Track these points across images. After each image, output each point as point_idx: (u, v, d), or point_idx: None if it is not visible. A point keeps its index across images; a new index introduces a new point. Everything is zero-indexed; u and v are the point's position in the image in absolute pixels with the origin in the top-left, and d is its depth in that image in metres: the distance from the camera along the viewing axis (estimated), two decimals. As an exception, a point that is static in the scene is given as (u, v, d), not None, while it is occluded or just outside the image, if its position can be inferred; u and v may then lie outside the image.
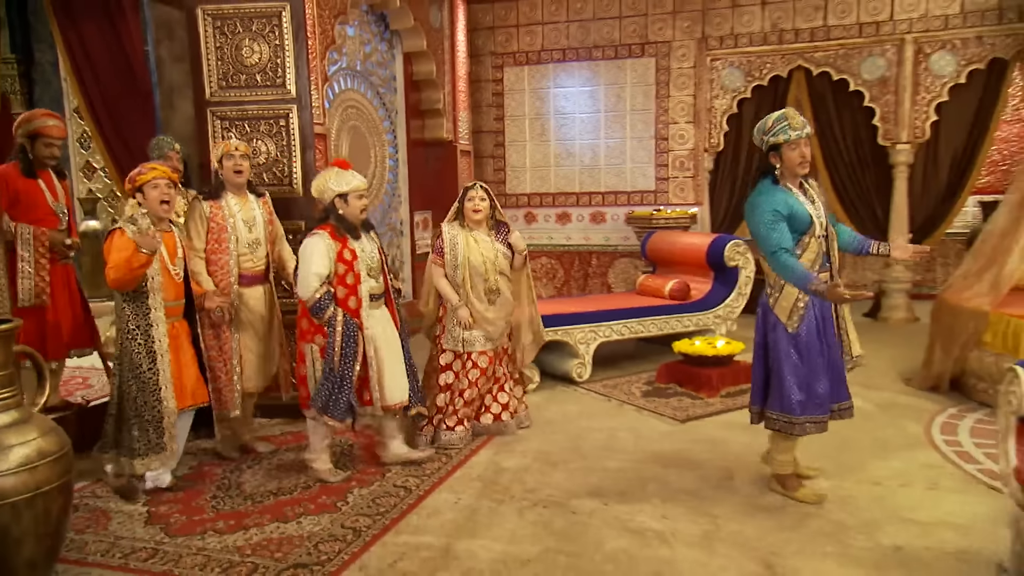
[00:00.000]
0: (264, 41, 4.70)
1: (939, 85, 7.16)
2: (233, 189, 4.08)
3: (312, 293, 3.66)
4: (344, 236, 3.75)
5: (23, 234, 3.86)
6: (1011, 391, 2.61)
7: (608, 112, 8.16)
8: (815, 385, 3.41)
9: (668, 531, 3.29)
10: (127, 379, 3.54)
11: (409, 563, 3.05)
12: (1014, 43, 6.90)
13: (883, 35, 7.26)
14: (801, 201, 3.38)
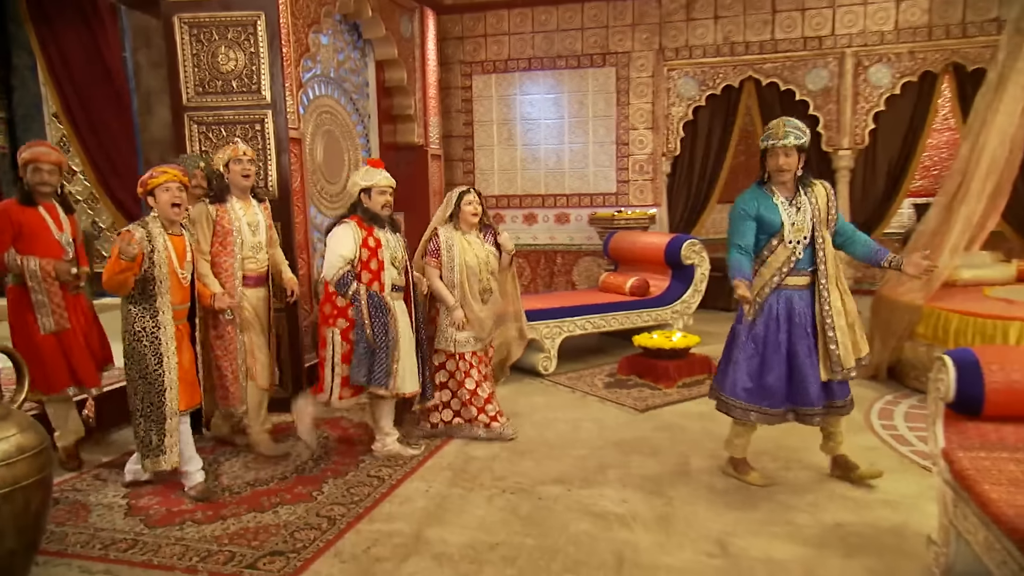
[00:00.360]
0: (240, 49, 4.63)
1: (876, 95, 7.31)
2: (238, 193, 4.00)
3: (336, 271, 3.72)
4: (370, 225, 3.83)
5: (29, 266, 3.66)
6: (939, 378, 2.68)
7: (571, 118, 8.19)
8: (765, 377, 3.43)
9: (628, 514, 3.32)
10: (135, 379, 3.44)
11: (382, 549, 3.04)
12: (943, 58, 7.08)
13: (826, 49, 7.39)
14: (779, 206, 3.39)
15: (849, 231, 3.54)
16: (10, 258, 3.67)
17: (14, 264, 3.68)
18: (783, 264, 3.41)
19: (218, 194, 3.96)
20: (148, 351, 3.40)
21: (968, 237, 5.56)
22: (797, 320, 3.42)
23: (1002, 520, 2.13)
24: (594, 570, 2.85)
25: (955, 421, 2.71)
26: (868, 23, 7.26)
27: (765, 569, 2.83)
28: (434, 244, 4.29)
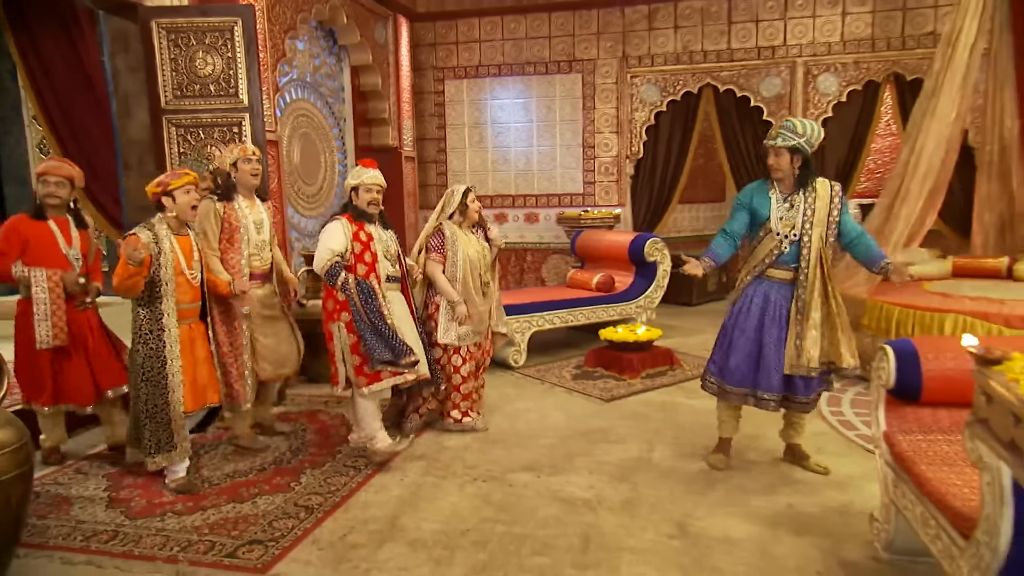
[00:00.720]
0: (217, 53, 4.55)
1: (825, 102, 7.43)
2: (244, 192, 3.91)
3: (324, 263, 3.66)
4: (360, 221, 3.78)
5: (36, 277, 3.54)
6: (881, 367, 2.74)
7: (540, 122, 8.20)
8: (730, 358, 3.53)
9: (594, 498, 3.35)
10: (139, 381, 3.37)
11: (358, 536, 3.03)
12: (884, 68, 7.23)
13: (778, 58, 7.49)
14: (771, 200, 3.44)
15: (854, 234, 3.46)
16: (17, 270, 3.55)
17: (22, 276, 3.57)
18: (767, 255, 3.47)
19: (225, 192, 3.86)
20: (153, 353, 3.34)
21: (908, 235, 5.69)
22: (771, 311, 3.47)
23: (936, 497, 2.19)
24: (562, 552, 2.86)
25: (895, 407, 2.78)
26: (817, 35, 7.38)
27: (722, 548, 2.87)
28: (438, 239, 4.17)
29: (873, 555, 2.78)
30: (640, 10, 7.75)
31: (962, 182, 6.65)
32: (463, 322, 4.14)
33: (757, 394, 3.51)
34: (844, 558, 2.78)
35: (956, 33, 5.20)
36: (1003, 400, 1.18)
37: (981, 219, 6.16)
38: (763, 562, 2.76)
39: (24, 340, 3.65)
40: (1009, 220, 6.06)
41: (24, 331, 3.64)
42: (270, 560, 2.81)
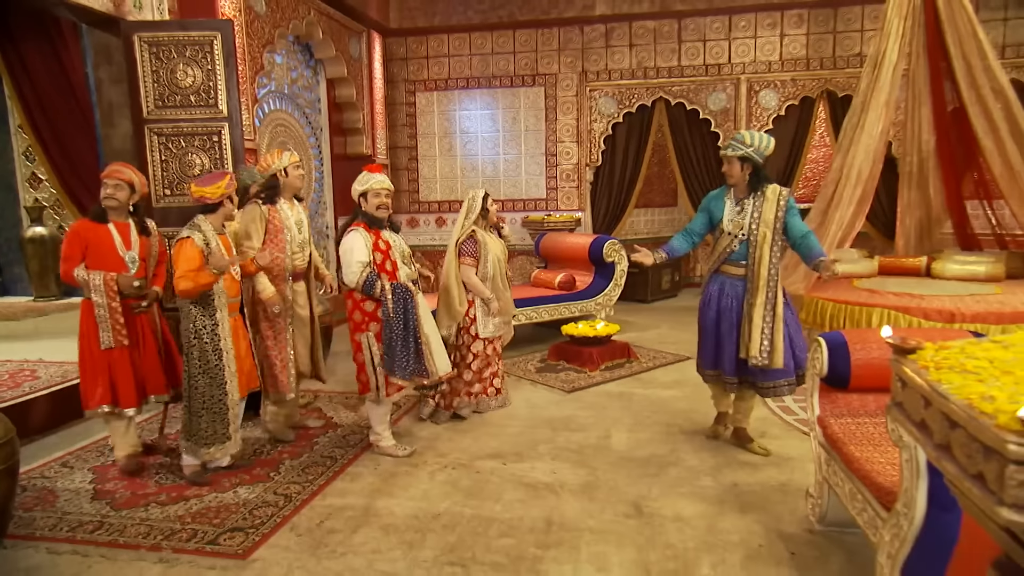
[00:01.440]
0: (197, 66, 4.46)
1: (766, 116, 7.59)
2: (287, 195, 3.86)
3: (359, 276, 3.52)
4: (375, 228, 3.63)
5: (94, 280, 3.40)
6: (815, 357, 2.81)
7: (506, 132, 8.21)
8: (702, 345, 3.73)
9: (556, 483, 3.37)
10: (196, 374, 3.29)
11: (334, 522, 3.00)
12: (819, 85, 7.41)
13: (724, 75, 7.62)
14: (725, 204, 3.57)
15: (799, 234, 3.50)
16: (79, 273, 3.41)
17: (83, 279, 3.41)
18: (721, 252, 3.60)
19: (269, 196, 3.79)
20: (209, 347, 3.28)
21: (840, 237, 5.85)
22: (725, 301, 3.60)
23: (862, 474, 2.26)
24: (526, 533, 2.88)
25: (828, 393, 2.85)
26: (758, 54, 7.53)
27: (674, 526, 2.91)
28: (471, 245, 4.16)
29: (808, 528, 2.85)
30: (597, 29, 7.81)
31: (887, 190, 6.86)
32: (496, 315, 4.23)
33: (721, 377, 3.67)
34: (783, 531, 2.84)
35: (880, 55, 5.35)
36: (915, 385, 1.23)
37: (903, 223, 6.36)
38: (711, 537, 2.81)
39: (83, 339, 3.48)
40: (927, 224, 6.27)
41: (85, 331, 3.48)
42: (250, 546, 2.77)
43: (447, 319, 4.22)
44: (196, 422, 3.33)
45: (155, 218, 4.54)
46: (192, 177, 4.58)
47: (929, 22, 5.36)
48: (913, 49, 5.49)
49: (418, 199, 8.51)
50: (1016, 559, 0.96)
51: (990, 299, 4.78)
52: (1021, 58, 6.94)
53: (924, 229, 6.32)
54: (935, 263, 5.92)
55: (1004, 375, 1.14)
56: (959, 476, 1.04)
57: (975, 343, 1.37)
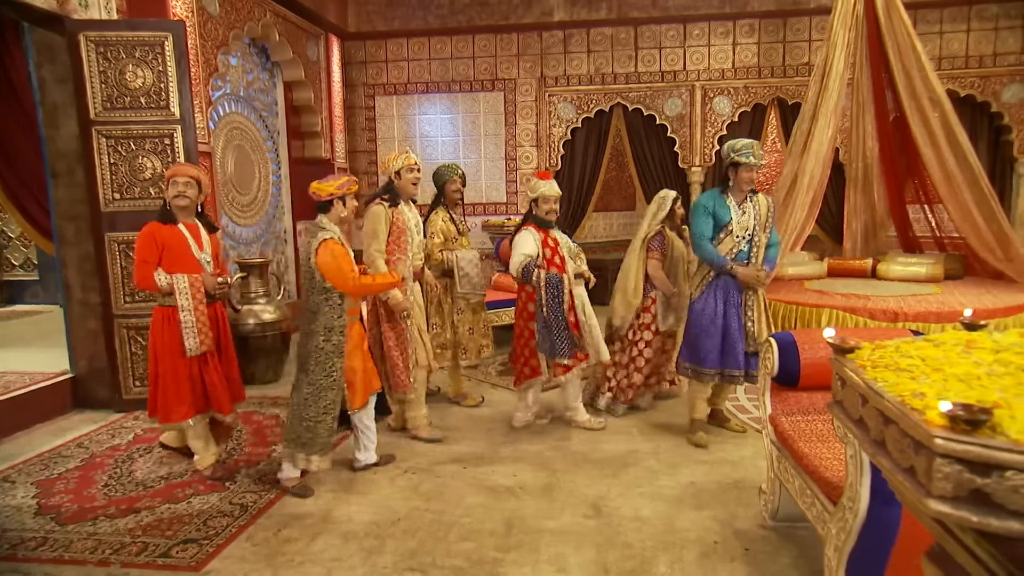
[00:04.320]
0: (147, 67, 4.33)
1: (720, 122, 7.76)
2: (405, 198, 3.88)
3: (519, 264, 3.85)
4: (544, 229, 3.97)
5: (179, 284, 3.26)
6: (767, 357, 2.88)
7: (465, 136, 8.20)
8: (700, 342, 3.76)
9: (517, 485, 3.37)
10: (320, 378, 3.22)
11: (292, 530, 2.95)
12: (769, 93, 7.62)
13: (679, 81, 7.77)
14: (730, 207, 3.70)
15: (773, 241, 3.84)
16: (161, 279, 3.26)
17: (166, 284, 3.26)
18: (727, 253, 3.72)
19: (392, 198, 3.81)
20: (335, 350, 3.23)
21: (792, 240, 6.02)
22: (731, 299, 3.74)
23: (811, 470, 2.32)
24: (486, 536, 2.87)
25: (779, 391, 2.93)
26: (712, 62, 7.70)
27: (632, 525, 2.95)
28: (659, 241, 4.21)
29: (761, 524, 2.92)
30: (556, 35, 7.87)
31: (835, 194, 7.09)
32: (678, 310, 4.22)
33: (725, 372, 3.78)
34: (737, 527, 2.90)
35: (827, 65, 5.53)
36: (853, 383, 1.28)
37: (850, 226, 6.58)
38: (668, 536, 2.85)
39: (165, 349, 3.31)
40: (872, 227, 6.50)
41: (164, 340, 3.31)
42: (204, 558, 2.70)
43: (622, 310, 4.30)
44: (314, 429, 3.23)
45: (103, 223, 4.42)
46: (143, 180, 4.45)
47: (871, 34, 5.56)
48: (857, 60, 5.70)
49: (378, 203, 8.43)
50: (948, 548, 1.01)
51: (930, 299, 4.98)
52: (956, 70, 7.26)
53: (870, 232, 6.55)
54: (880, 265, 6.14)
55: (934, 372, 1.19)
56: (893, 470, 1.09)
57: (909, 342, 1.43)
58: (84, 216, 4.48)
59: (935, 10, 7.21)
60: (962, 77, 7.29)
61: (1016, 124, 7.26)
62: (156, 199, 4.46)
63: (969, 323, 1.59)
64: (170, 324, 3.30)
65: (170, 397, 3.32)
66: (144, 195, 4.43)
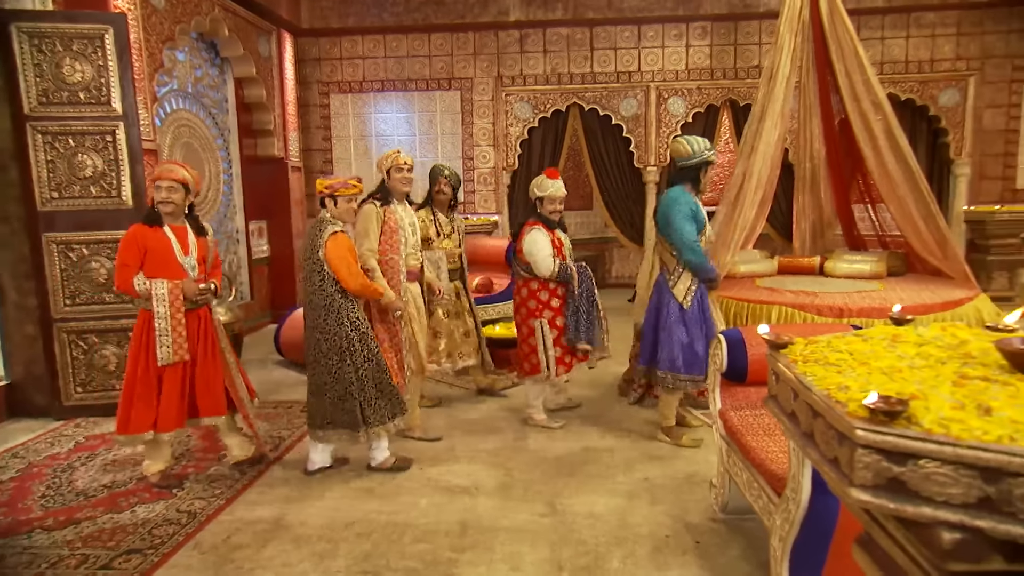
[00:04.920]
0: (87, 61, 4.18)
1: (674, 122, 7.89)
2: (398, 197, 3.87)
3: (552, 266, 3.93)
4: (552, 229, 4.07)
5: (157, 290, 3.15)
6: (716, 354, 2.94)
7: (422, 135, 8.15)
8: (695, 347, 3.66)
9: (472, 485, 3.37)
10: (362, 363, 3.34)
11: (242, 536, 2.88)
12: (722, 94, 7.79)
13: (634, 82, 7.87)
14: (701, 208, 3.71)
15: None
16: (139, 283, 3.16)
17: (143, 289, 3.15)
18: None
19: (384, 197, 3.82)
20: (356, 338, 3.33)
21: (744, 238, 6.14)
22: (704, 304, 3.77)
23: (757, 463, 2.38)
24: (441, 537, 2.86)
25: (728, 387, 2.99)
26: (666, 63, 7.82)
27: (587, 522, 2.97)
28: None
29: (712, 517, 2.98)
30: (512, 34, 7.89)
31: (786, 194, 7.27)
32: None
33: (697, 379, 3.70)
34: (689, 521, 2.96)
35: (775, 68, 5.67)
36: (785, 378, 1.31)
37: (799, 225, 6.75)
38: (622, 531, 2.89)
39: (138, 355, 3.22)
40: (820, 226, 6.69)
41: (140, 346, 3.22)
42: (148, 568, 2.61)
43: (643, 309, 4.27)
44: (377, 407, 3.37)
45: (40, 222, 4.25)
46: (83, 178, 4.29)
47: (816, 38, 5.72)
48: (804, 63, 5.85)
49: (334, 202, 8.31)
50: (873, 535, 1.05)
51: (874, 295, 5.15)
52: (897, 74, 7.55)
53: (817, 231, 6.73)
54: (827, 262, 6.32)
55: (861, 366, 1.24)
56: (820, 461, 1.12)
57: (840, 337, 1.48)
58: (19, 216, 4.30)
59: (877, 16, 7.48)
60: (903, 81, 7.59)
61: (952, 127, 7.60)
62: (98, 198, 4.32)
63: (897, 318, 1.65)
64: (150, 328, 3.21)
65: (127, 406, 3.22)
66: (85, 194, 4.28)
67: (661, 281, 3.81)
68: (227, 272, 6.73)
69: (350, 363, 3.31)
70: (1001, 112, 7.57)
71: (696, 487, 3.28)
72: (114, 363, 4.42)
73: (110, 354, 4.42)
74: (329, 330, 3.31)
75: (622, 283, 9.23)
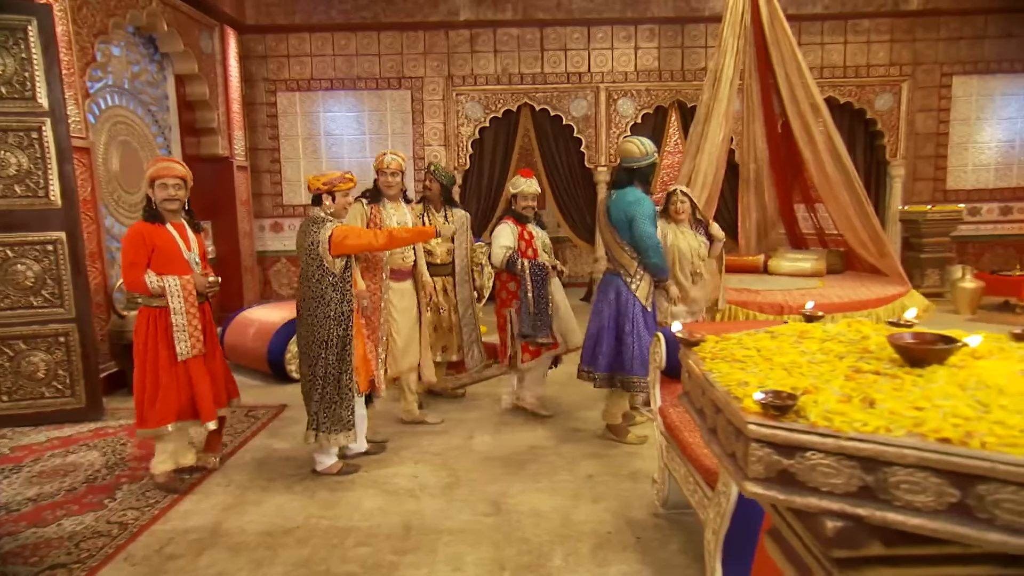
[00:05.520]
0: (8, 54, 3.98)
1: (624, 123, 7.99)
2: (390, 196, 3.98)
3: (502, 256, 4.11)
4: (522, 223, 4.23)
5: (171, 286, 3.19)
6: (655, 351, 2.99)
7: (372, 135, 8.06)
8: (644, 349, 3.61)
9: (417, 487, 3.34)
10: (333, 362, 3.33)
11: (176, 547, 2.79)
12: (670, 96, 7.92)
13: (584, 83, 7.94)
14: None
15: None
16: (152, 280, 3.18)
17: (156, 286, 3.17)
18: None
19: (373, 195, 3.95)
20: (345, 334, 3.34)
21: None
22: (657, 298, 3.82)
23: (693, 458, 2.43)
24: (383, 540, 2.83)
25: (667, 384, 3.04)
26: (615, 64, 7.92)
27: (530, 520, 2.98)
28: None
29: (654, 512, 3.02)
30: (462, 34, 7.86)
31: (732, 194, 7.45)
32: (674, 302, 4.02)
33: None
34: (631, 517, 2.99)
35: (719, 70, 5.80)
36: (694, 375, 1.34)
37: (744, 225, 6.93)
38: (565, 529, 2.90)
39: (150, 353, 3.23)
40: (764, 226, 6.88)
41: (149, 342, 3.23)
42: (74, 583, 2.51)
43: None
44: (335, 411, 3.35)
45: (-40, 223, 4.03)
46: (6, 177, 4.10)
47: (758, 42, 5.88)
48: (747, 66, 6.00)
49: (282, 203, 8.15)
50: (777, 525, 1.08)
51: (813, 292, 5.32)
52: (836, 78, 7.82)
53: (762, 230, 6.92)
54: (771, 261, 6.51)
55: (764, 362, 1.27)
56: (722, 455, 1.15)
57: (751, 334, 1.52)
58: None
59: (817, 23, 7.73)
60: (841, 85, 7.85)
61: (888, 130, 7.90)
62: (24, 197, 4.13)
63: (808, 315, 1.71)
64: (156, 326, 3.25)
65: (147, 400, 3.25)
66: (8, 193, 4.09)
67: (619, 285, 3.68)
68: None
69: (323, 356, 3.34)
70: (932, 116, 7.91)
71: (639, 483, 3.33)
72: (43, 370, 4.24)
73: (39, 360, 4.23)
74: (316, 322, 3.35)
75: (575, 282, 9.29)
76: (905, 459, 0.87)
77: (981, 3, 7.57)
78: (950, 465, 0.84)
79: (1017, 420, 0.92)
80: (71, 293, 4.21)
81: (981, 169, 8.03)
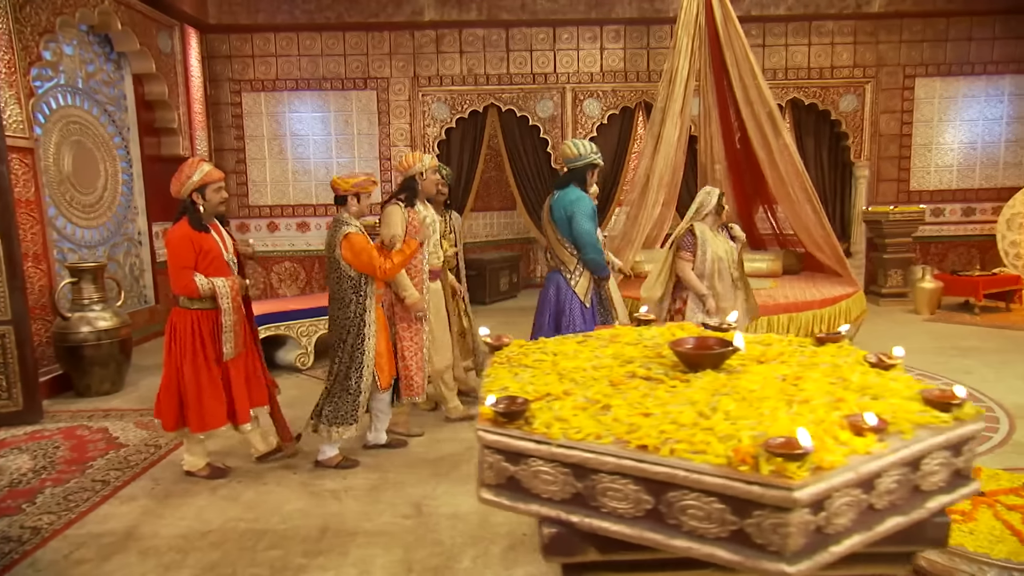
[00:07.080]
0: (-62, 53, 3.96)
1: (590, 124, 7.99)
2: (424, 198, 3.96)
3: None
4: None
5: (221, 288, 3.28)
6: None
7: (338, 135, 8.04)
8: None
9: (342, 489, 3.33)
10: (346, 358, 3.45)
11: (86, 551, 2.77)
12: (636, 96, 7.93)
13: (550, 84, 7.94)
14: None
15: None
16: (202, 283, 3.25)
17: (207, 289, 3.25)
18: None
19: (409, 198, 3.87)
20: (364, 332, 3.43)
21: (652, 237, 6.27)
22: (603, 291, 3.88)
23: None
24: (297, 543, 2.82)
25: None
26: (581, 65, 7.92)
27: (448, 523, 2.97)
28: (690, 240, 3.89)
29: (573, 513, 3.01)
30: (428, 34, 7.85)
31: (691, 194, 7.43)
32: (712, 314, 3.83)
33: None
34: (550, 519, 2.98)
35: (674, 70, 5.80)
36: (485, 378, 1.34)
37: (705, 225, 6.92)
38: (480, 531, 2.89)
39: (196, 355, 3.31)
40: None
41: (191, 346, 3.30)
42: (-29, 589, 2.49)
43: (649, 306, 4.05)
44: (338, 405, 3.45)
45: None
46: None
47: (712, 43, 5.88)
48: (702, 67, 6.01)
49: (248, 203, 8.11)
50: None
51: (762, 292, 5.32)
52: (800, 80, 7.84)
53: (722, 230, 6.91)
54: (730, 261, 6.50)
55: (551, 368, 1.26)
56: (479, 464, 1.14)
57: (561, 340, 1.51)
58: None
59: (781, 24, 7.74)
60: (806, 87, 7.88)
61: (852, 131, 7.93)
62: (-42, 199, 4.09)
63: (641, 319, 1.70)
64: (199, 328, 3.32)
65: (206, 403, 3.32)
66: (-58, 194, 4.05)
67: (560, 281, 3.86)
68: (113, 275, 6.49)
69: (339, 353, 3.46)
70: (895, 117, 7.94)
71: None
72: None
73: (-26, 363, 4.20)
74: (336, 321, 3.50)
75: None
76: (605, 466, 0.86)
77: (943, 6, 7.60)
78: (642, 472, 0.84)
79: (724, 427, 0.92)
80: (6, 295, 4.17)
81: (944, 170, 8.07)
